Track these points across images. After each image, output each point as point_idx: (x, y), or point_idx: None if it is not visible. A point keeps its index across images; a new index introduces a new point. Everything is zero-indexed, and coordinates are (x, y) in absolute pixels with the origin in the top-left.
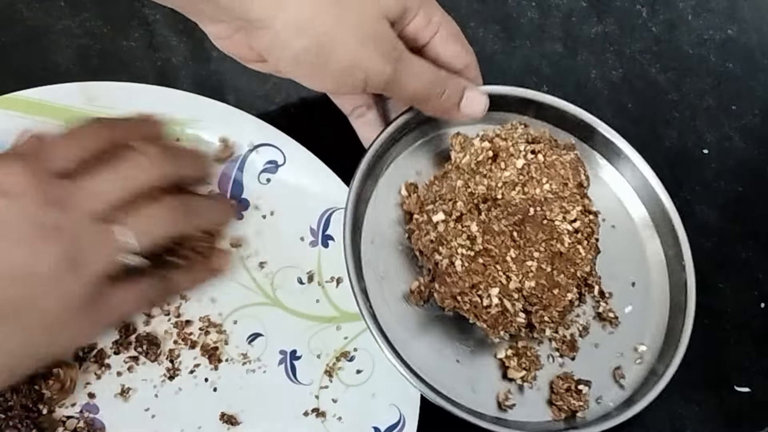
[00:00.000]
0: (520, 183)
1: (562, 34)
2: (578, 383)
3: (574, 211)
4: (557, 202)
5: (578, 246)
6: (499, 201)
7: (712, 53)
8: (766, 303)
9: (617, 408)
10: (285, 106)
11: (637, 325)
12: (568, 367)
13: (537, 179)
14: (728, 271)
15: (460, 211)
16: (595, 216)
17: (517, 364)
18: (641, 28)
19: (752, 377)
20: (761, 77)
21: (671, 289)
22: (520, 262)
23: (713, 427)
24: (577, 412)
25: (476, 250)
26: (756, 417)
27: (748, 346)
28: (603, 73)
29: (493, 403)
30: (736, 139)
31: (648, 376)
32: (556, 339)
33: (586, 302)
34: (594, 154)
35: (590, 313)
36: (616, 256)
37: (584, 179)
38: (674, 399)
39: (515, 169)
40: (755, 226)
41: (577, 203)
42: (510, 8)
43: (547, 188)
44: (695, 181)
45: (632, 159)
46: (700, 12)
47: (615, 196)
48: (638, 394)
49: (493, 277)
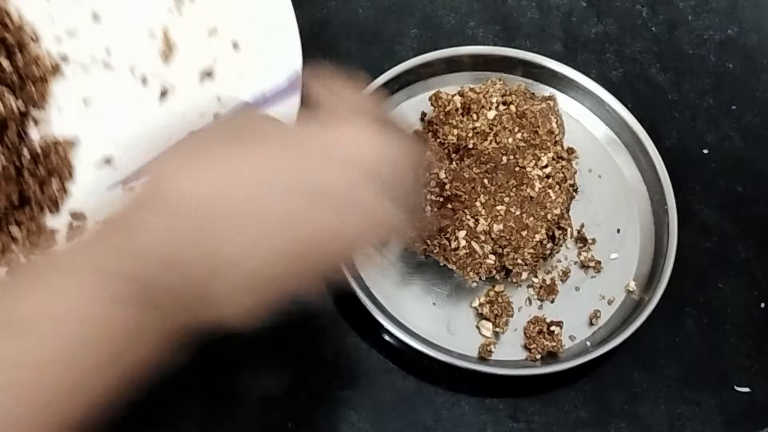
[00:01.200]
0: (492, 133)
1: (562, 34)
2: (550, 325)
3: (545, 158)
4: (530, 150)
5: (549, 190)
6: (472, 150)
7: (712, 53)
8: (766, 303)
9: (594, 345)
10: None
11: (621, 270)
12: (547, 310)
13: (509, 129)
14: (728, 271)
15: (428, 160)
16: (569, 162)
17: (489, 310)
18: (641, 28)
19: (752, 377)
20: (761, 77)
21: (656, 234)
22: (489, 206)
23: (713, 427)
24: (554, 352)
25: (445, 196)
26: (756, 417)
27: (748, 346)
28: (603, 73)
29: (469, 345)
30: (736, 139)
31: (629, 314)
32: (534, 284)
33: (561, 245)
34: (583, 108)
35: (573, 259)
36: (602, 205)
37: (555, 127)
38: (674, 399)
39: (486, 119)
40: (755, 226)
41: (548, 150)
42: (510, 8)
43: (519, 137)
44: (695, 181)
45: (614, 107)
46: (700, 12)
47: (602, 146)
48: (615, 334)
49: (461, 221)
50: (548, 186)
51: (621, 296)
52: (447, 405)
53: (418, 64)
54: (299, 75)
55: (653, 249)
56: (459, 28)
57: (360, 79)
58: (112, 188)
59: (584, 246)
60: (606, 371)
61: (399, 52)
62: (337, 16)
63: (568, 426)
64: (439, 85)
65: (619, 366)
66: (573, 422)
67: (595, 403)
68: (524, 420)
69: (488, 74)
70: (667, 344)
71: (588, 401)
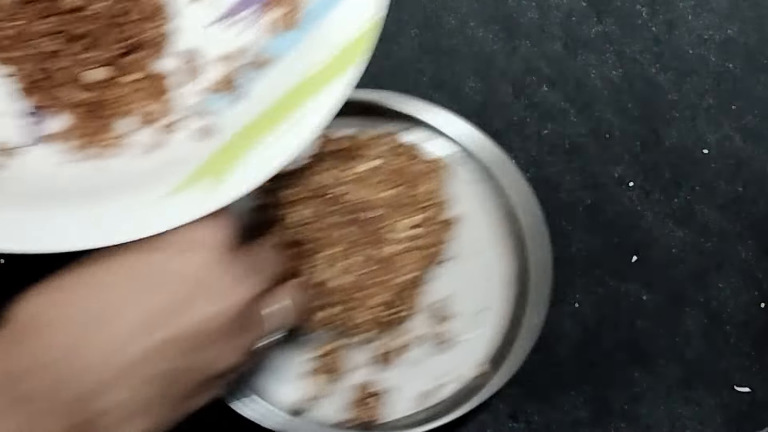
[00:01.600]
0: (362, 184)
1: (562, 34)
2: (376, 394)
3: (412, 220)
4: (400, 209)
5: (406, 255)
6: (339, 198)
7: (712, 53)
8: (766, 303)
9: (421, 422)
10: None
11: (472, 350)
12: (382, 376)
13: (382, 183)
14: (728, 271)
15: (288, 199)
16: (441, 229)
17: (320, 365)
18: (641, 28)
19: (752, 377)
20: (761, 77)
21: (516, 320)
22: (333, 259)
23: (713, 427)
24: (372, 422)
25: (292, 240)
26: (756, 417)
27: (748, 346)
28: (603, 73)
29: (289, 398)
30: (736, 139)
31: (465, 396)
32: (375, 348)
33: (406, 314)
34: (482, 176)
35: (423, 330)
36: (471, 281)
37: (433, 190)
38: (674, 399)
39: (359, 170)
40: (755, 226)
41: (419, 212)
42: (510, 8)
43: (390, 193)
44: (695, 181)
45: (514, 186)
46: (700, 12)
47: (489, 221)
48: (444, 414)
49: (299, 269)
50: (407, 250)
51: (465, 377)
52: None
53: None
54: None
55: (512, 337)
56: (459, 28)
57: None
58: (212, 24)
59: (439, 319)
60: (606, 371)
61: (399, 52)
62: None
63: (568, 426)
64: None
65: (619, 366)
66: (573, 422)
67: (595, 403)
68: (524, 420)
69: (379, 123)
70: (667, 344)
71: (588, 401)
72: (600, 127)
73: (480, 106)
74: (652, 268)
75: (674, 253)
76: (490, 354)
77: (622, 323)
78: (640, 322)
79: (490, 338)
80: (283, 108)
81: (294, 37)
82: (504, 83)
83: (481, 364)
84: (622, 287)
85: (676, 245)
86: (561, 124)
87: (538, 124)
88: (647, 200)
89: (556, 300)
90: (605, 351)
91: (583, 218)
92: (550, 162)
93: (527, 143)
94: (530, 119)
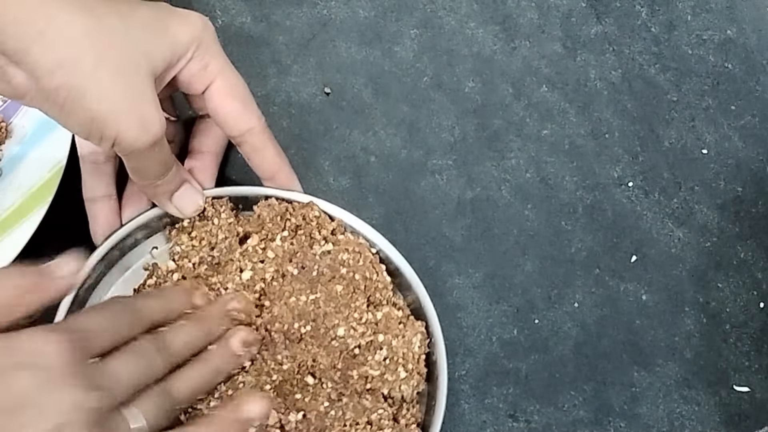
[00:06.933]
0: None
1: (561, 34)
2: None
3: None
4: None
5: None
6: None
7: (712, 53)
8: (765, 303)
9: None
10: None
11: None
12: None
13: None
14: (728, 271)
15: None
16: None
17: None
18: (641, 28)
19: (752, 377)
20: (761, 77)
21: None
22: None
23: (713, 426)
24: None
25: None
26: (756, 417)
27: (748, 346)
28: (603, 73)
29: None
30: (735, 139)
31: None
32: None
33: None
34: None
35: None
36: None
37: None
38: (674, 399)
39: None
40: (755, 226)
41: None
42: (510, 8)
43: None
44: (695, 181)
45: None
46: (700, 12)
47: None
48: None
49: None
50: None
51: None
52: (447, 405)
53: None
54: None
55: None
56: (459, 28)
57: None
58: None
59: None
60: (606, 371)
61: (399, 52)
62: (337, 16)
63: (568, 426)
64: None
65: (619, 366)
66: (573, 422)
67: (595, 403)
68: (524, 420)
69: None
70: (667, 344)
71: (588, 401)
72: (599, 127)
73: (480, 106)
74: (651, 268)
75: (674, 253)
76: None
77: (621, 323)
78: (639, 321)
79: None
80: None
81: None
82: (504, 83)
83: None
84: (621, 287)
85: (676, 245)
86: (561, 124)
87: (538, 124)
88: (646, 200)
89: (556, 300)
90: (605, 351)
91: (583, 218)
92: (549, 162)
93: (527, 143)
94: (530, 119)
